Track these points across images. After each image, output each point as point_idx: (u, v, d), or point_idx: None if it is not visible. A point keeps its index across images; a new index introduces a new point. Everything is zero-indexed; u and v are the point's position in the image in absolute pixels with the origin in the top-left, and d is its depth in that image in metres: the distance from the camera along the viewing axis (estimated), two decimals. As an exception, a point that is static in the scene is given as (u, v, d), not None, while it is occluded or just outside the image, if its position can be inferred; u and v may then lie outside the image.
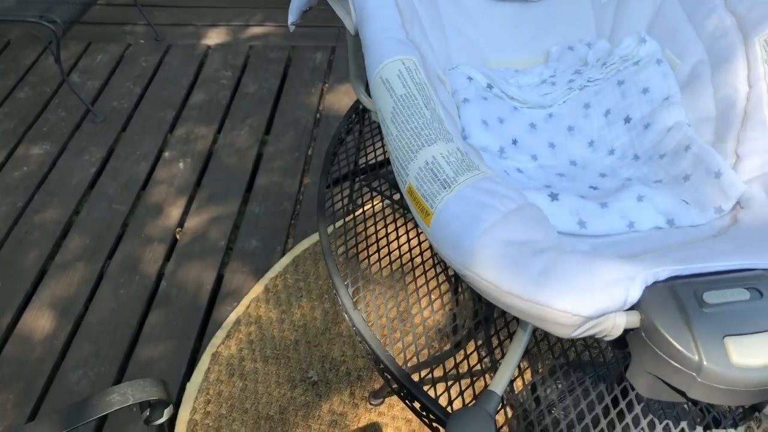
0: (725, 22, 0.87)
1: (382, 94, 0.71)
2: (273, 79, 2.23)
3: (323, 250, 0.99)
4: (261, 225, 1.76)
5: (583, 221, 0.74)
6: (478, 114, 0.88)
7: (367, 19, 0.80)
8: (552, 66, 1.04)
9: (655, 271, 0.57)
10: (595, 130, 0.94)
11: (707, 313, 0.54)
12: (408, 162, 0.64)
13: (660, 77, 0.91)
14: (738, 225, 0.73)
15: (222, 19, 2.53)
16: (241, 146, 1.99)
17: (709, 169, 0.78)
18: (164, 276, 1.63)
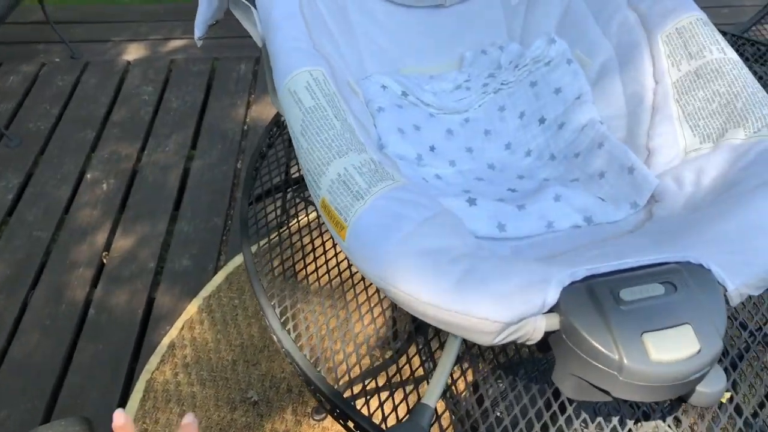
0: (629, 19, 0.89)
1: (291, 107, 0.69)
2: (197, 93, 2.18)
3: (248, 272, 0.96)
4: (191, 243, 1.71)
5: (502, 224, 0.74)
6: (393, 122, 0.87)
7: (272, 31, 0.78)
8: (466, 71, 1.04)
9: (572, 271, 0.57)
10: (512, 133, 0.95)
11: (624, 311, 0.54)
12: (320, 175, 0.63)
13: (571, 77, 0.92)
14: (653, 219, 0.74)
15: (141, 33, 2.46)
16: (166, 163, 1.93)
17: (623, 166, 0.79)
18: (92, 303, 1.57)
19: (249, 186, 1.13)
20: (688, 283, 0.57)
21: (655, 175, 0.77)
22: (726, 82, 0.75)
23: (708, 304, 0.56)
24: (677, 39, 0.82)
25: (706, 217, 0.63)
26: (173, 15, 2.56)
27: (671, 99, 0.79)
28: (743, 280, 0.58)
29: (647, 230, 0.70)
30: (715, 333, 0.54)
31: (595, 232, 0.75)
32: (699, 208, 0.69)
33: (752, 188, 0.64)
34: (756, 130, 0.69)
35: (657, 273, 0.57)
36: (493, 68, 1.03)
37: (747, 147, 0.69)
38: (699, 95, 0.76)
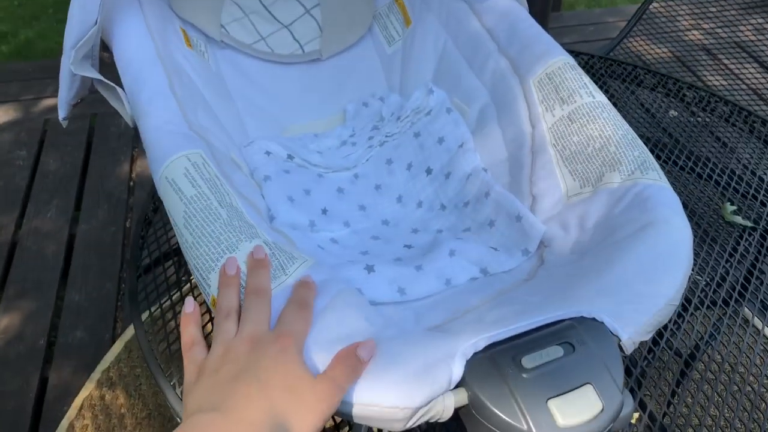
0: (501, 65, 0.91)
1: (171, 197, 0.66)
2: (76, 152, 2.08)
3: (143, 351, 0.91)
4: (84, 313, 1.62)
5: (402, 288, 0.74)
6: (282, 190, 0.86)
7: (143, 114, 0.74)
8: (350, 125, 1.04)
9: (473, 341, 0.57)
10: (402, 185, 0.95)
11: (527, 379, 0.55)
12: (209, 272, 0.60)
13: (452, 125, 0.94)
14: (544, 265, 0.75)
15: (8, 94, 2.32)
16: (49, 230, 1.83)
17: (510, 214, 0.80)
18: (-25, 395, 1.46)
19: (135, 256, 1.08)
20: (584, 340, 0.58)
21: (541, 221, 0.79)
22: (598, 126, 0.78)
23: (605, 359, 0.57)
24: (548, 84, 0.84)
25: (593, 267, 0.65)
26: (43, 72, 2.44)
27: (548, 144, 0.82)
28: (635, 328, 0.60)
29: (540, 280, 0.72)
30: (615, 387, 0.56)
31: (492, 282, 0.76)
32: (585, 252, 0.71)
33: (631, 233, 0.66)
34: (630, 172, 0.73)
35: (554, 333, 0.58)
36: (376, 120, 1.03)
37: (623, 191, 0.71)
38: (574, 140, 0.79)
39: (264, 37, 1.13)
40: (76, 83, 0.83)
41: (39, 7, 3.07)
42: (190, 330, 0.56)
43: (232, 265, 0.58)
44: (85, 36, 0.78)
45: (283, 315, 0.54)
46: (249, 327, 0.53)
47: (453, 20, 1.02)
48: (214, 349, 0.53)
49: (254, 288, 0.56)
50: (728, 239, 1.08)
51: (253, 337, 0.52)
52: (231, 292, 0.57)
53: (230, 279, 0.57)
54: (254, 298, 0.55)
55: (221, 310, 0.55)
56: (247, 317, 0.54)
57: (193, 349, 0.55)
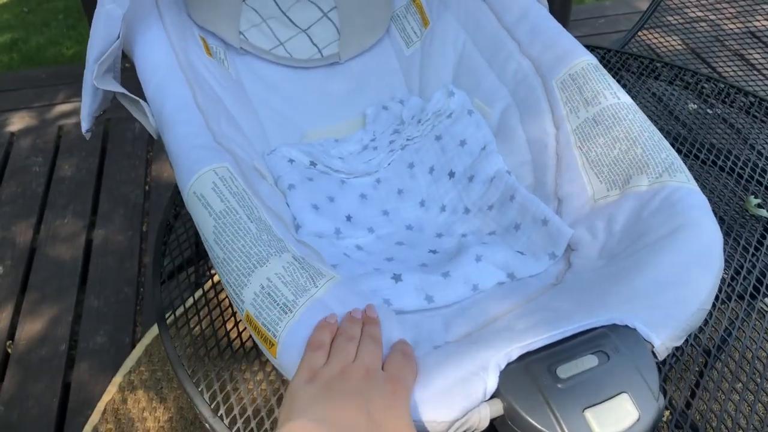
0: (523, 66, 0.90)
1: (200, 212, 0.66)
2: (91, 158, 2.09)
3: (170, 360, 0.92)
4: (104, 318, 1.63)
5: (429, 296, 0.74)
6: (306, 199, 0.86)
7: (168, 128, 0.75)
8: (370, 129, 1.04)
9: (506, 351, 0.57)
10: (424, 189, 0.95)
11: (563, 389, 0.55)
12: (241, 288, 0.60)
13: (474, 128, 0.93)
14: (572, 269, 0.75)
15: (22, 101, 2.33)
16: (67, 236, 1.84)
17: (536, 218, 0.80)
18: (0, 399, 1.47)
19: (158, 263, 1.08)
20: (619, 348, 0.58)
21: (567, 224, 0.79)
22: (623, 128, 0.77)
23: (639, 367, 0.57)
24: (572, 85, 0.84)
25: (623, 272, 0.65)
26: (55, 78, 2.44)
27: (573, 146, 0.81)
28: (667, 334, 0.59)
29: (569, 285, 0.72)
30: (651, 395, 0.56)
31: (520, 287, 0.76)
32: (613, 256, 0.71)
33: (661, 237, 0.66)
34: (658, 175, 0.72)
35: (588, 341, 0.58)
36: (396, 124, 1.03)
37: (651, 194, 0.71)
38: (600, 141, 0.79)
39: (282, 42, 1.12)
40: (99, 96, 0.84)
41: (49, 13, 3.08)
42: (322, 335, 0.58)
43: (358, 312, 0.62)
44: (108, 50, 0.78)
45: (390, 361, 0.57)
46: (366, 359, 0.56)
47: (472, 20, 1.01)
48: (333, 363, 0.55)
49: (370, 334, 0.59)
50: (753, 232, 1.08)
51: (368, 369, 0.54)
52: (355, 324, 0.60)
53: (355, 318, 0.61)
54: (370, 341, 0.58)
55: (343, 334, 0.58)
56: (363, 351, 0.57)
57: (316, 353, 0.56)
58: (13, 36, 2.86)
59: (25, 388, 1.48)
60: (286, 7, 1.17)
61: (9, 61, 2.69)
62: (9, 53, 2.73)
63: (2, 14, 3.06)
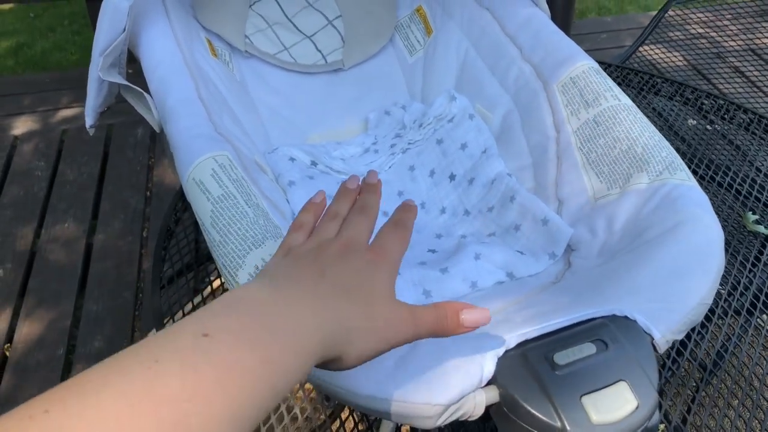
0: (525, 71, 0.91)
1: (198, 197, 0.66)
2: (93, 163, 2.10)
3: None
4: (102, 322, 1.62)
5: (427, 290, 0.74)
6: (306, 196, 0.85)
7: (170, 118, 0.75)
8: (372, 133, 1.05)
9: (504, 339, 0.57)
10: (424, 192, 0.95)
11: (560, 376, 0.54)
12: (236, 269, 0.60)
13: (475, 132, 0.94)
14: (572, 268, 0.75)
15: (26, 106, 2.35)
16: (67, 240, 1.84)
17: (536, 217, 0.80)
18: (-4, 402, 1.46)
19: (158, 269, 1.08)
20: (618, 338, 0.57)
21: (568, 224, 0.79)
22: (624, 128, 0.78)
23: (639, 357, 0.56)
24: (573, 88, 0.84)
25: (623, 267, 0.65)
26: (60, 83, 2.46)
27: (574, 147, 0.82)
28: (668, 327, 0.59)
29: (569, 282, 0.71)
30: (650, 385, 0.55)
31: (519, 286, 0.76)
32: (614, 254, 0.71)
33: (662, 233, 0.66)
34: (658, 173, 0.72)
35: (586, 330, 0.58)
36: (398, 128, 1.04)
37: (652, 191, 0.71)
38: (600, 142, 0.79)
39: (287, 47, 1.14)
40: (103, 90, 0.84)
41: (55, 18, 3.11)
42: (306, 216, 0.55)
43: (354, 180, 0.58)
44: (114, 42, 0.79)
45: (381, 233, 0.52)
46: (348, 232, 0.51)
47: (475, 28, 1.03)
48: (309, 240, 0.51)
49: (362, 204, 0.54)
50: (751, 248, 1.08)
51: (348, 242, 0.50)
52: (345, 200, 0.56)
53: (348, 191, 0.57)
54: (359, 213, 0.53)
55: (329, 213, 0.55)
56: (348, 225, 0.52)
57: (296, 234, 0.53)
58: (18, 40, 2.88)
59: (22, 392, 1.47)
60: (292, 13, 1.18)
61: (14, 65, 2.71)
62: (14, 57, 2.76)
63: (8, 19, 3.08)
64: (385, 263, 0.49)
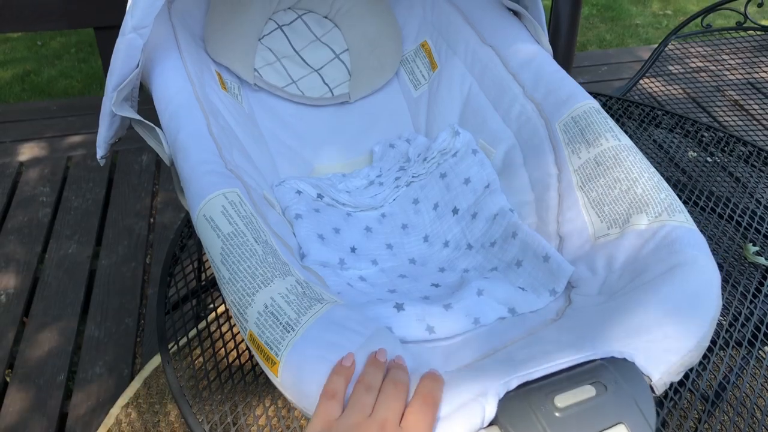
0: (527, 109, 0.93)
1: (209, 234, 0.68)
2: (98, 189, 2.11)
3: (173, 393, 0.92)
4: (103, 349, 1.63)
5: (431, 326, 0.75)
6: (312, 229, 0.87)
7: (181, 153, 0.77)
8: (377, 166, 1.06)
9: (505, 380, 0.58)
10: (428, 225, 0.97)
11: (560, 418, 0.55)
12: (246, 307, 0.62)
13: (478, 166, 0.96)
14: (572, 305, 0.76)
15: (32, 132, 2.37)
16: (70, 266, 1.85)
17: (537, 254, 0.82)
18: (-4, 430, 1.46)
19: (164, 294, 1.09)
20: (617, 380, 0.58)
21: (569, 261, 0.80)
22: (624, 168, 0.79)
23: (637, 399, 0.58)
24: (574, 127, 0.86)
25: (623, 308, 0.66)
26: (66, 110, 2.49)
27: (575, 186, 0.83)
28: (665, 369, 0.60)
29: (569, 320, 0.73)
30: (647, 427, 0.56)
31: (521, 322, 0.77)
32: (613, 293, 0.72)
33: (660, 274, 0.67)
34: (657, 214, 0.74)
35: (586, 372, 0.59)
36: (403, 161, 1.05)
37: (651, 232, 0.73)
38: (601, 182, 0.81)
39: (295, 80, 1.16)
40: (115, 123, 0.86)
41: (62, 47, 3.15)
42: (338, 382, 0.57)
43: (383, 354, 0.60)
44: (128, 78, 0.81)
45: (410, 410, 0.55)
46: (383, 412, 0.54)
47: (478, 64, 1.05)
48: (349, 415, 0.54)
49: (396, 379, 0.58)
50: (751, 280, 1.09)
51: (384, 423, 0.53)
52: (377, 372, 0.58)
53: (379, 363, 0.59)
54: (393, 387, 0.57)
55: (364, 383, 0.57)
56: (384, 401, 0.55)
57: (331, 402, 0.55)
58: (25, 68, 2.92)
59: (22, 418, 1.47)
60: (300, 47, 1.20)
61: (20, 92, 2.74)
62: (21, 84, 2.79)
63: (17, 47, 3.13)
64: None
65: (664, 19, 3.33)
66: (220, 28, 1.09)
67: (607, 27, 3.27)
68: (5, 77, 2.89)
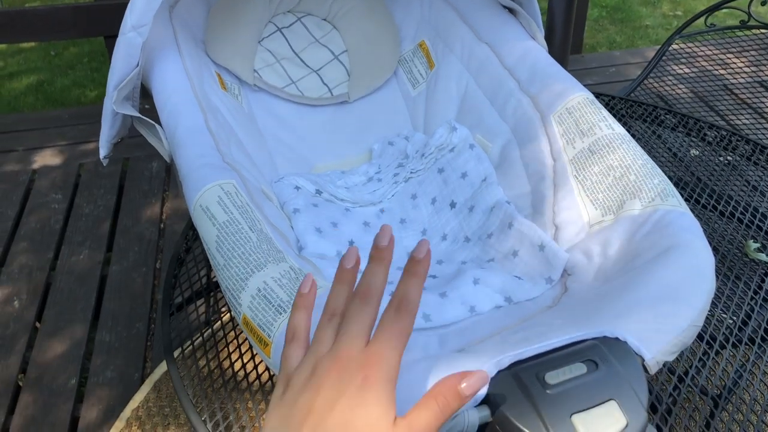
0: (523, 103, 0.94)
1: (204, 223, 0.69)
2: (109, 196, 2.14)
3: (176, 390, 0.93)
4: (114, 353, 1.64)
5: (426, 314, 0.75)
6: (310, 222, 0.88)
7: (179, 147, 0.78)
8: (376, 163, 1.07)
9: (497, 359, 0.58)
10: (426, 219, 0.97)
11: (551, 395, 0.56)
12: (239, 291, 0.63)
13: (475, 161, 0.96)
14: (568, 293, 0.77)
15: (45, 141, 2.41)
16: (81, 271, 1.87)
17: (533, 243, 0.82)
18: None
19: (168, 296, 1.10)
20: (608, 359, 0.59)
21: (564, 250, 0.80)
22: (618, 156, 0.80)
23: (629, 377, 0.58)
24: (568, 118, 0.87)
25: (616, 290, 0.66)
26: (78, 118, 2.53)
27: (570, 175, 0.84)
28: (658, 348, 0.60)
29: (564, 306, 0.73)
30: (639, 405, 0.56)
31: (517, 310, 0.77)
32: (608, 278, 0.73)
33: (653, 257, 0.68)
34: (650, 199, 0.74)
35: (578, 351, 0.59)
36: (401, 158, 1.06)
37: (644, 217, 0.73)
38: (595, 170, 0.81)
39: (295, 81, 1.18)
40: (117, 122, 0.88)
41: (74, 57, 3.19)
42: (297, 318, 0.50)
43: (351, 256, 0.50)
44: (128, 77, 0.82)
45: (380, 327, 0.46)
46: (343, 343, 0.46)
47: (475, 61, 1.06)
48: (306, 360, 0.47)
49: (363, 290, 0.47)
50: (752, 277, 1.08)
51: (342, 359, 0.45)
52: (342, 291, 0.49)
53: (345, 273, 0.50)
54: (359, 303, 0.47)
55: (327, 309, 0.49)
56: (345, 328, 0.47)
57: (291, 347, 0.48)
58: (39, 78, 2.97)
59: (35, 422, 1.49)
60: (300, 48, 1.22)
61: (34, 101, 2.78)
62: (35, 94, 2.83)
63: (30, 57, 3.18)
64: (379, 376, 0.45)
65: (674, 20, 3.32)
66: (220, 31, 1.11)
67: (616, 29, 3.27)
68: (19, 87, 2.94)
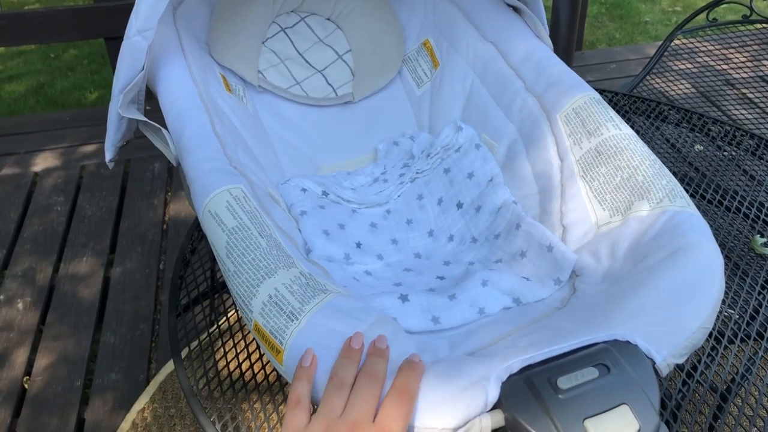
0: (528, 102, 0.94)
1: (214, 229, 0.69)
2: (111, 197, 2.14)
3: (184, 391, 0.93)
4: (119, 355, 1.64)
5: (436, 317, 0.75)
6: (317, 225, 0.89)
7: (186, 153, 0.78)
8: (381, 163, 1.07)
9: (508, 364, 0.58)
10: (432, 220, 0.97)
11: (563, 399, 0.56)
12: (250, 298, 0.63)
13: (481, 161, 0.96)
14: (577, 294, 0.77)
15: (46, 143, 2.41)
16: (85, 273, 1.87)
17: (541, 244, 0.82)
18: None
19: (174, 297, 1.10)
20: (619, 362, 0.59)
21: (573, 251, 0.80)
22: (625, 156, 0.79)
23: (640, 381, 0.58)
24: (575, 118, 0.87)
25: (625, 292, 0.66)
26: (79, 120, 2.52)
27: (577, 176, 0.83)
28: (669, 351, 0.60)
29: (573, 307, 0.73)
30: (651, 408, 0.56)
31: (525, 312, 0.78)
32: (617, 279, 0.73)
33: (662, 259, 0.68)
34: (659, 200, 0.74)
35: (589, 355, 0.59)
36: (407, 158, 1.06)
37: (653, 218, 0.73)
38: (602, 171, 0.81)
39: (299, 81, 1.17)
40: (122, 126, 0.88)
41: (74, 59, 3.19)
42: (300, 388, 0.56)
43: (358, 340, 0.59)
44: (133, 80, 0.82)
45: (385, 405, 0.54)
46: (354, 412, 0.53)
47: (480, 61, 1.05)
48: (317, 420, 0.53)
49: (370, 371, 0.56)
50: (759, 272, 1.08)
51: (354, 426, 0.52)
52: (350, 366, 0.57)
53: (353, 352, 0.58)
54: (367, 381, 0.55)
55: (335, 379, 0.56)
56: (355, 400, 0.54)
57: (297, 410, 0.54)
58: (39, 80, 2.96)
59: (41, 424, 1.49)
60: (304, 49, 1.22)
61: (34, 104, 2.78)
62: (35, 96, 2.83)
63: (30, 59, 3.17)
64: None
65: (673, 16, 3.32)
66: (224, 32, 1.11)
67: (616, 25, 3.27)
68: (19, 90, 2.93)
